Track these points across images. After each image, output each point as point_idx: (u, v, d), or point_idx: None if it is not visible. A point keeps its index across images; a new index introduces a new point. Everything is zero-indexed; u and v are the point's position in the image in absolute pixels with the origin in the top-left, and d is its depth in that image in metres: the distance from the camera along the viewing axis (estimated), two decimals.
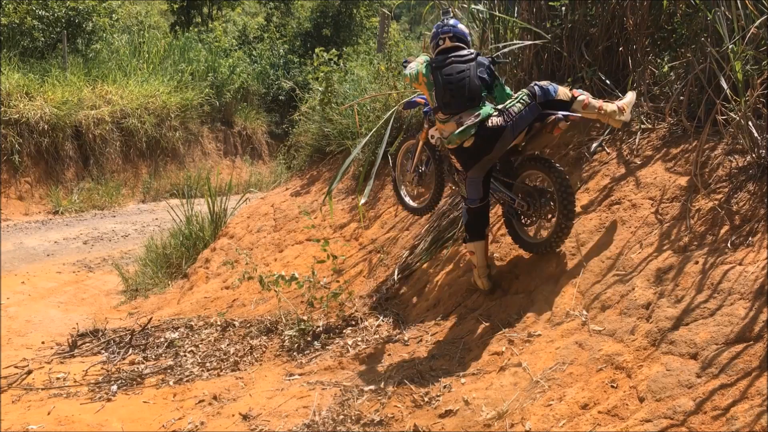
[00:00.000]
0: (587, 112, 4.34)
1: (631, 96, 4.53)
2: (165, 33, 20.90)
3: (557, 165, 4.24)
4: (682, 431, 2.70)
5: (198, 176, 15.28)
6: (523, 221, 4.50)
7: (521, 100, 4.25)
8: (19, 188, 13.38)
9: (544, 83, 4.32)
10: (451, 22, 4.63)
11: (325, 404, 3.91)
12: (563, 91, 4.32)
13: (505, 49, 5.58)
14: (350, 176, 7.55)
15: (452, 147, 4.36)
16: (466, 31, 4.67)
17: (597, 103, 4.35)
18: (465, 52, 4.47)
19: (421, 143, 5.41)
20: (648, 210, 4.06)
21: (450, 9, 6.22)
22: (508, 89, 4.56)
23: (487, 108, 4.31)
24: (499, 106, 4.31)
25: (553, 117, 4.24)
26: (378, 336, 4.87)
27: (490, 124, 4.21)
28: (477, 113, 4.25)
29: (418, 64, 4.53)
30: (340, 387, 4.08)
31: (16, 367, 5.48)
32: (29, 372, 5.28)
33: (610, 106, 4.37)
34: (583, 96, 4.34)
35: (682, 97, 4.47)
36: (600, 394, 3.14)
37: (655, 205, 4.05)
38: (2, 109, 13.22)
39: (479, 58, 4.45)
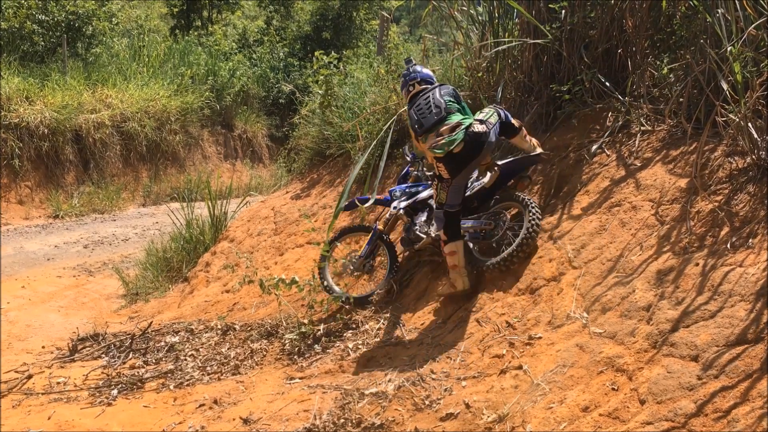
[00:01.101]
0: (525, 141, 4.95)
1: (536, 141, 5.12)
2: (165, 37, 20.91)
3: (536, 206, 4.66)
4: None
5: (198, 180, 15.28)
6: (482, 242, 4.88)
7: (492, 115, 4.68)
8: (19, 192, 13.37)
9: (502, 106, 4.96)
10: (417, 68, 5.19)
11: (325, 408, 3.90)
12: (516, 120, 4.90)
13: (502, 47, 5.58)
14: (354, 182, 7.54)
15: (441, 156, 4.55)
16: (430, 72, 5.20)
17: (530, 138, 5.01)
18: (429, 87, 4.98)
19: (376, 232, 5.59)
20: (648, 212, 4.06)
21: (449, 12, 6.25)
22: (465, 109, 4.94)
23: (469, 117, 4.69)
24: (479, 117, 4.67)
25: (520, 176, 5.02)
26: (379, 339, 4.87)
27: (475, 130, 4.53)
28: (451, 123, 4.58)
29: None
30: (340, 390, 4.07)
31: (16, 371, 5.47)
32: (29, 376, 5.27)
33: (535, 140, 5.06)
34: (525, 131, 4.94)
35: (681, 99, 4.47)
36: (601, 396, 3.13)
37: (655, 207, 4.05)
38: (2, 113, 13.23)
39: (442, 85, 4.93)
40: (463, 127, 4.53)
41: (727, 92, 3.87)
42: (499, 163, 4.99)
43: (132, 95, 15.97)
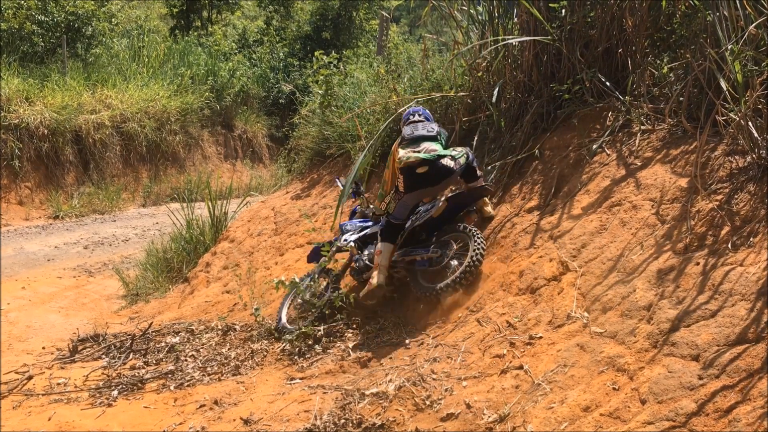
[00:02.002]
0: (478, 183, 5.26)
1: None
2: (165, 37, 20.90)
3: (481, 236, 4.88)
4: None
5: (198, 180, 15.29)
6: (429, 270, 5.03)
7: (462, 155, 5.04)
8: (19, 193, 13.37)
9: (472, 152, 5.27)
10: (419, 108, 5.70)
11: (326, 408, 3.90)
12: (479, 169, 5.27)
13: (504, 42, 5.58)
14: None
15: (404, 166, 4.98)
16: (429, 113, 5.65)
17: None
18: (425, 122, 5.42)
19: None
20: (648, 211, 4.06)
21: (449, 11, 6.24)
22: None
23: (448, 150, 5.04)
24: (452, 153, 5.01)
25: (468, 210, 5.32)
26: (379, 339, 4.87)
27: (444, 163, 4.90)
28: (432, 146, 4.98)
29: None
30: (341, 391, 4.07)
31: (16, 372, 5.47)
32: (30, 377, 5.27)
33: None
34: (482, 182, 5.27)
35: (681, 98, 4.47)
36: (602, 396, 3.13)
37: (656, 206, 4.04)
38: (2, 114, 13.23)
39: (433, 123, 5.39)
40: (437, 154, 4.91)
41: (728, 91, 3.86)
42: (448, 195, 5.28)
43: (132, 96, 15.97)
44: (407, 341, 4.61)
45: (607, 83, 5.12)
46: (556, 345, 3.65)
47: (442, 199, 5.18)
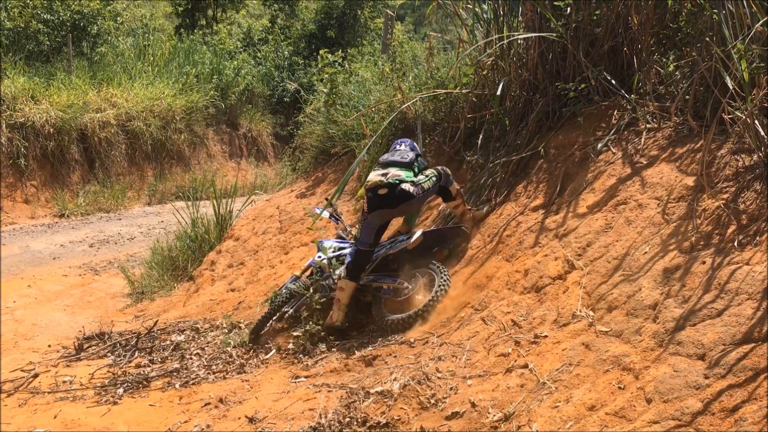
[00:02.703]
0: (458, 210, 5.42)
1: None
2: (170, 36, 20.94)
3: (447, 273, 5.02)
4: None
5: (203, 178, 15.31)
6: (392, 298, 5.15)
7: (430, 179, 5.19)
8: (25, 192, 13.42)
9: (449, 172, 5.35)
10: (407, 140, 5.79)
11: (331, 407, 3.90)
12: (455, 188, 5.32)
13: (510, 39, 5.56)
14: (355, 178, 7.54)
15: (368, 187, 5.15)
16: (415, 145, 5.72)
17: (465, 209, 5.44)
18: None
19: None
20: (654, 210, 4.04)
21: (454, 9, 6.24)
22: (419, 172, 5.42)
23: (411, 176, 5.18)
24: (416, 179, 5.17)
25: (441, 247, 5.41)
26: (383, 338, 4.87)
27: (404, 187, 5.05)
28: (396, 171, 5.14)
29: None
30: (346, 389, 4.07)
31: (22, 370, 5.49)
32: (36, 375, 5.28)
33: (471, 215, 5.45)
34: (460, 200, 5.38)
35: (687, 96, 4.45)
36: (607, 395, 3.12)
37: (662, 205, 4.03)
38: (8, 112, 13.27)
39: (419, 154, 5.55)
40: (398, 179, 5.08)
41: (734, 89, 3.85)
42: (426, 230, 5.45)
43: (137, 94, 16.01)
44: (412, 339, 4.60)
45: (613, 81, 5.10)
46: (562, 344, 3.65)
47: (419, 233, 5.35)
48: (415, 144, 5.78)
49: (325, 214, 6.00)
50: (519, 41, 5.69)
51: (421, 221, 6.10)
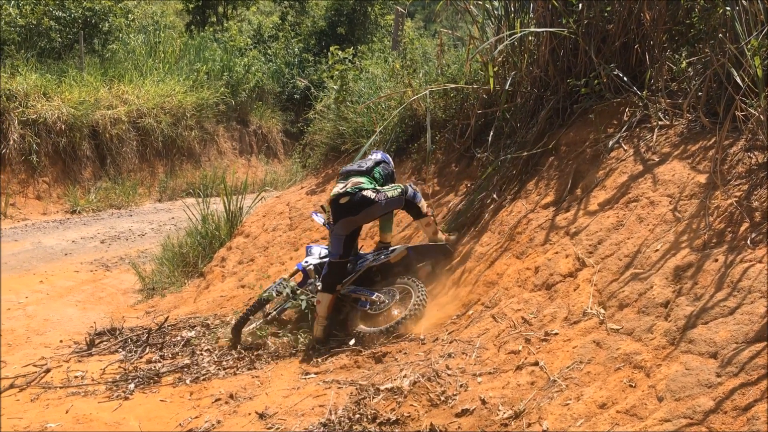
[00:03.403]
0: (429, 228, 5.42)
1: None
2: (180, 32, 20.99)
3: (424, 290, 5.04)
4: (701, 431, 2.67)
5: (214, 175, 15.35)
6: (368, 310, 5.14)
7: (395, 189, 5.25)
8: (37, 188, 13.50)
9: (417, 189, 5.41)
10: (380, 152, 5.91)
11: (341, 403, 3.91)
12: (424, 204, 5.38)
13: (519, 34, 5.53)
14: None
15: (331, 198, 5.21)
16: (379, 157, 5.70)
17: (436, 228, 5.48)
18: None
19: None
20: (666, 207, 4.02)
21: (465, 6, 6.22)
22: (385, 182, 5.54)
23: (372, 184, 5.26)
24: (379, 187, 5.25)
25: (424, 264, 5.43)
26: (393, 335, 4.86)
27: (365, 194, 5.11)
28: (357, 180, 5.22)
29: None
30: (356, 386, 4.07)
31: (34, 365, 5.53)
32: (48, 370, 5.32)
33: (444, 236, 5.51)
34: (431, 218, 5.42)
35: (700, 93, 4.42)
36: (618, 393, 3.11)
37: (674, 202, 4.01)
38: (21, 109, 13.34)
39: (386, 164, 5.63)
40: (358, 187, 5.16)
41: (747, 86, 3.81)
42: (409, 245, 5.49)
43: (148, 91, 16.06)
44: (422, 336, 4.60)
45: (625, 78, 5.07)
46: (572, 341, 3.63)
47: (402, 247, 5.43)
48: (387, 156, 5.84)
49: (320, 220, 6.00)
50: (530, 38, 5.67)
51: (410, 235, 6.12)
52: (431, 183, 6.63)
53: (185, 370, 5.20)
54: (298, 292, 5.55)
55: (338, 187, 5.24)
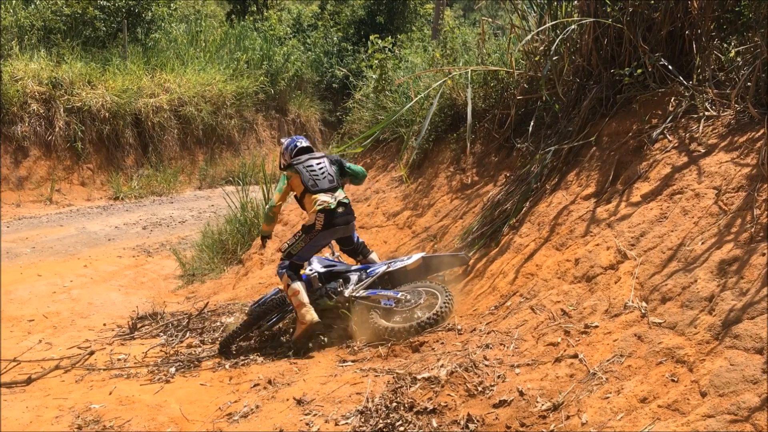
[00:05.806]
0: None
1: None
2: (221, 22, 21.19)
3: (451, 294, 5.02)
4: (746, 428, 2.61)
5: (252, 163, 15.49)
6: (393, 308, 5.08)
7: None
8: (81, 174, 13.80)
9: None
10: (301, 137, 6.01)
11: (378, 391, 3.92)
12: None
13: (563, 35, 5.45)
14: (403, 164, 7.52)
15: (327, 208, 5.29)
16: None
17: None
18: (317, 153, 5.70)
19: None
20: (711, 200, 3.93)
21: None
22: (353, 166, 5.85)
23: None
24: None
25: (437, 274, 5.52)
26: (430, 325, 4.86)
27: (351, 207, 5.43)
28: (342, 195, 5.44)
29: (280, 181, 5.59)
30: (393, 374, 4.08)
31: (79, 347, 5.67)
32: (92, 353, 5.45)
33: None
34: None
35: (749, 83, 4.31)
36: (660, 387, 3.06)
37: (719, 195, 3.92)
38: (66, 97, 13.62)
39: (330, 156, 5.72)
40: (344, 198, 5.45)
41: None
42: (424, 254, 5.54)
43: (189, 80, 16.26)
44: (459, 327, 4.59)
45: (670, 67, 4.97)
46: (613, 334, 3.59)
47: (418, 255, 5.46)
48: (296, 140, 5.85)
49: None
50: (573, 26, 5.58)
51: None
52: (470, 173, 6.59)
53: (224, 355, 5.28)
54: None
55: (327, 197, 5.34)
